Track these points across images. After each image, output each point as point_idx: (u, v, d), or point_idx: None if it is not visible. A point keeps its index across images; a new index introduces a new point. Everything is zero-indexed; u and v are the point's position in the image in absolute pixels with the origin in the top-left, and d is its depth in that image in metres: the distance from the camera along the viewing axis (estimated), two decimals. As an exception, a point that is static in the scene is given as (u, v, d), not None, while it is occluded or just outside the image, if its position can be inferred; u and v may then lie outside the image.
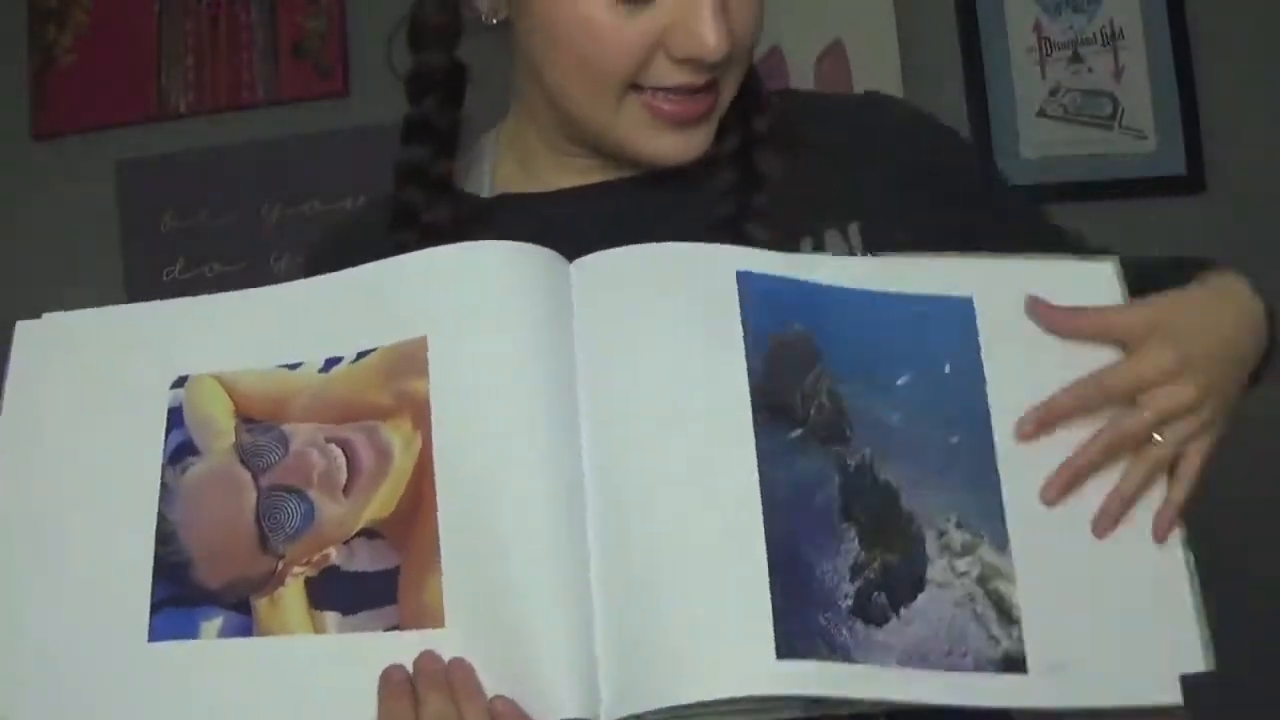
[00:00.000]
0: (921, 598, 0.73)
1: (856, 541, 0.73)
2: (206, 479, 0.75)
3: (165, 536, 0.74)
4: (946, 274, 0.80)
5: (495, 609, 0.69)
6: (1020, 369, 0.79)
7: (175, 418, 0.77)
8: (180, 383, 0.77)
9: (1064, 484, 0.77)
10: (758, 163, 0.89)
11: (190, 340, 0.79)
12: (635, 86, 0.83)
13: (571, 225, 0.88)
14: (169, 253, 2.23)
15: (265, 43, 2.26)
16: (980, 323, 0.79)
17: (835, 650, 0.70)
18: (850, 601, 0.71)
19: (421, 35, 0.91)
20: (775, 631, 0.69)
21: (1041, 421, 0.78)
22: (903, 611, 0.72)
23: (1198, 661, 0.76)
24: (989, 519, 0.76)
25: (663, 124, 0.84)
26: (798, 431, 0.74)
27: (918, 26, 2.12)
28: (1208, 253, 0.90)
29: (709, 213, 0.87)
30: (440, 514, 0.71)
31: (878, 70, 2.09)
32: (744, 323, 0.75)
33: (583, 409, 0.73)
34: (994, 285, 0.80)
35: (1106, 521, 0.77)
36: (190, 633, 0.72)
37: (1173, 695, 0.75)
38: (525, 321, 0.74)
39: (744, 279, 0.76)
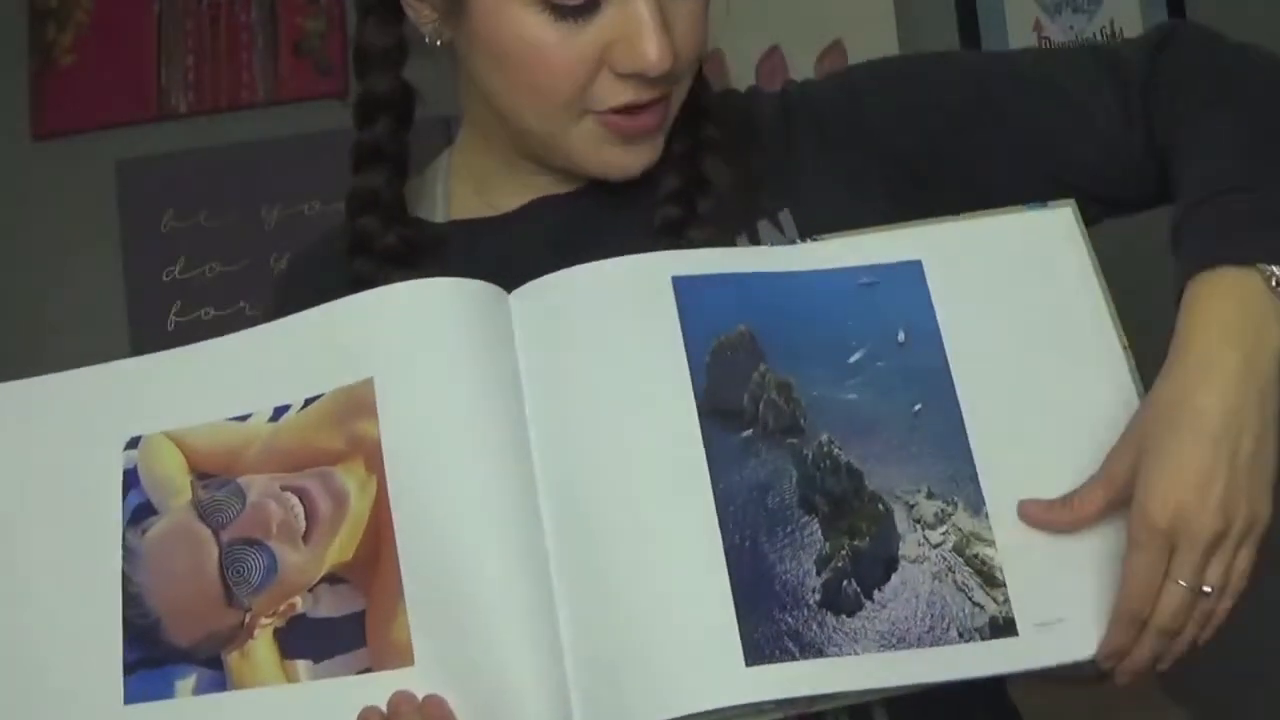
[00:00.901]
0: (895, 578, 0.72)
1: (820, 533, 0.72)
2: (167, 538, 0.76)
3: (132, 599, 0.74)
4: (890, 244, 0.79)
5: (463, 642, 0.70)
6: (978, 327, 0.77)
7: (131, 478, 0.77)
8: (133, 444, 0.78)
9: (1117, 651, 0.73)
10: (705, 168, 0.89)
11: (139, 400, 0.79)
12: (588, 112, 0.83)
13: (521, 246, 0.88)
14: (169, 253, 2.23)
15: (265, 43, 2.26)
16: (931, 285, 0.78)
17: (806, 649, 0.69)
18: (818, 596, 0.70)
19: (366, 60, 0.91)
20: (742, 639, 0.69)
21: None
22: (876, 595, 0.71)
23: None
24: (962, 484, 0.74)
25: (614, 139, 0.85)
26: (748, 432, 0.74)
27: (918, 26, 2.13)
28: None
29: (653, 218, 0.87)
30: (401, 553, 0.72)
31: (878, 70, 2.09)
32: (684, 333, 0.75)
33: (533, 438, 0.73)
34: (941, 248, 0.79)
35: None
36: (166, 693, 0.73)
37: None
38: (469, 357, 0.74)
39: (681, 285, 0.76)
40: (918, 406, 0.76)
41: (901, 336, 0.77)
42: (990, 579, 0.72)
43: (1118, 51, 0.88)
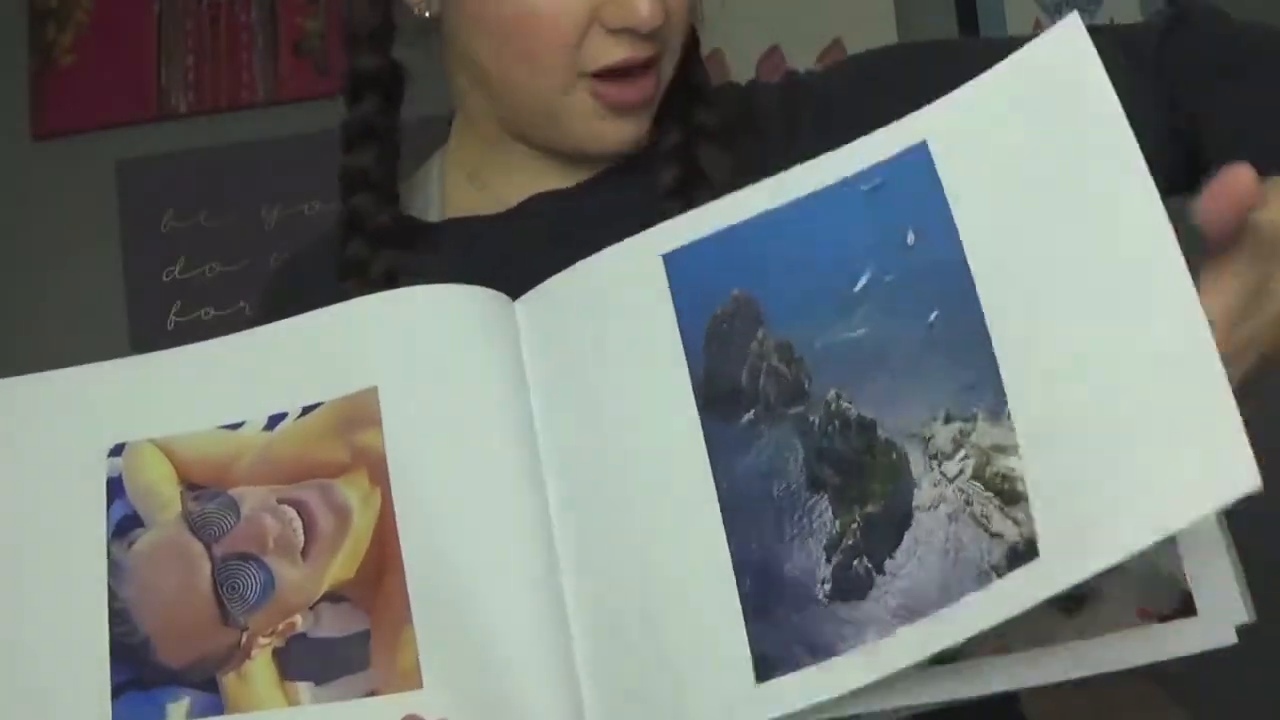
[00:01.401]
0: (908, 536, 0.66)
1: (830, 512, 0.68)
2: (156, 552, 0.71)
3: (119, 616, 0.70)
4: (892, 136, 0.71)
5: (474, 665, 0.67)
6: (998, 198, 0.68)
7: (115, 488, 0.72)
8: (117, 451, 0.73)
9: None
10: (702, 159, 0.88)
11: (124, 405, 0.75)
12: (581, 75, 0.83)
13: (520, 244, 0.87)
14: (169, 253, 2.23)
15: (265, 43, 2.26)
16: (941, 167, 0.69)
17: (816, 652, 0.66)
18: (828, 586, 0.67)
19: (354, 37, 0.90)
20: (753, 654, 0.66)
21: None
22: (888, 565, 0.66)
23: (1240, 612, 0.66)
24: (982, 389, 0.66)
25: (605, 111, 0.84)
26: (749, 415, 0.70)
27: (918, 26, 2.13)
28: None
29: (653, 213, 0.86)
30: (408, 570, 0.68)
31: (878, 70, 2.10)
32: (679, 316, 0.71)
33: (543, 448, 0.71)
34: (947, 121, 0.70)
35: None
36: (156, 716, 0.69)
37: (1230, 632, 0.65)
38: (476, 366, 0.71)
39: (672, 261, 0.72)
40: (933, 315, 0.68)
41: (911, 238, 0.70)
42: (1011, 495, 0.64)
43: (1127, 32, 0.87)
